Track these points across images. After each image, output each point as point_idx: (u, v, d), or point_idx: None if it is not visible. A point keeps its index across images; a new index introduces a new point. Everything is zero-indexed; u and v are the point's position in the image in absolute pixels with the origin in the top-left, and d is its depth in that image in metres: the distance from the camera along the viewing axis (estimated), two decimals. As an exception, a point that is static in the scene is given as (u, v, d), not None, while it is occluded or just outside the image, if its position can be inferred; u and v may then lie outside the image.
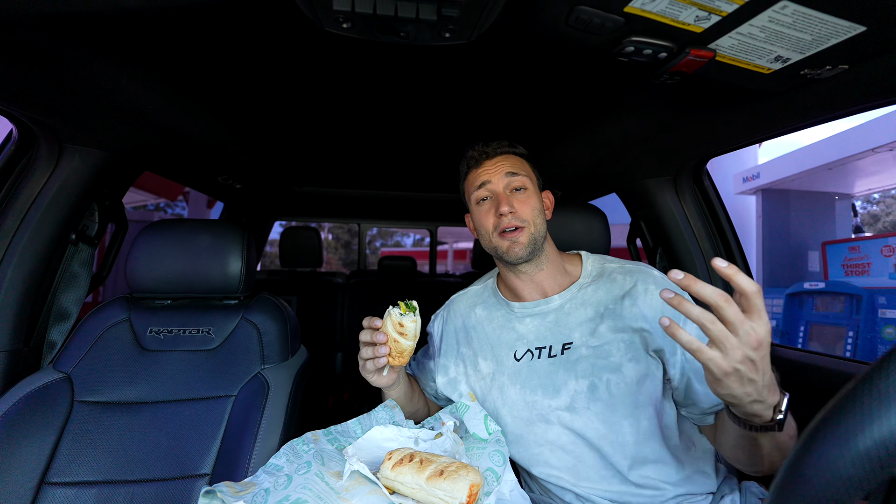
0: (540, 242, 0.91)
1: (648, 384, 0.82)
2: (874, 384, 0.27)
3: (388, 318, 0.81)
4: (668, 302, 0.56)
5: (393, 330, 0.80)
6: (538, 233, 0.90)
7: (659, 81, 0.84)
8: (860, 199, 7.91)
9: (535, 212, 0.91)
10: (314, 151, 1.66)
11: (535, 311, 0.93)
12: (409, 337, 0.81)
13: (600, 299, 0.89)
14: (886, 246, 4.33)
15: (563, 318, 0.90)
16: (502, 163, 0.93)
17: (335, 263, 17.77)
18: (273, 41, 0.85)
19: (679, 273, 0.55)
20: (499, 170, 0.92)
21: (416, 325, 0.81)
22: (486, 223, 0.92)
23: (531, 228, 0.90)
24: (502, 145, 0.96)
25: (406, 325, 0.80)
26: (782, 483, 0.30)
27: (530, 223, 0.90)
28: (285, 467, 0.77)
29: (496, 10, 0.65)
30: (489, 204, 0.93)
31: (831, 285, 4.09)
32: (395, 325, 0.80)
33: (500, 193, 0.91)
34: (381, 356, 0.81)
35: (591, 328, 0.87)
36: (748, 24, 0.64)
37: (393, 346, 0.81)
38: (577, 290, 0.92)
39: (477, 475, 0.66)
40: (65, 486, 0.89)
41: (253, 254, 1.19)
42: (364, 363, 0.85)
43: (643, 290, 0.87)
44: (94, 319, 1.08)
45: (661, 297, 0.58)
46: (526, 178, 0.93)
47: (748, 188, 6.41)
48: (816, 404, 0.31)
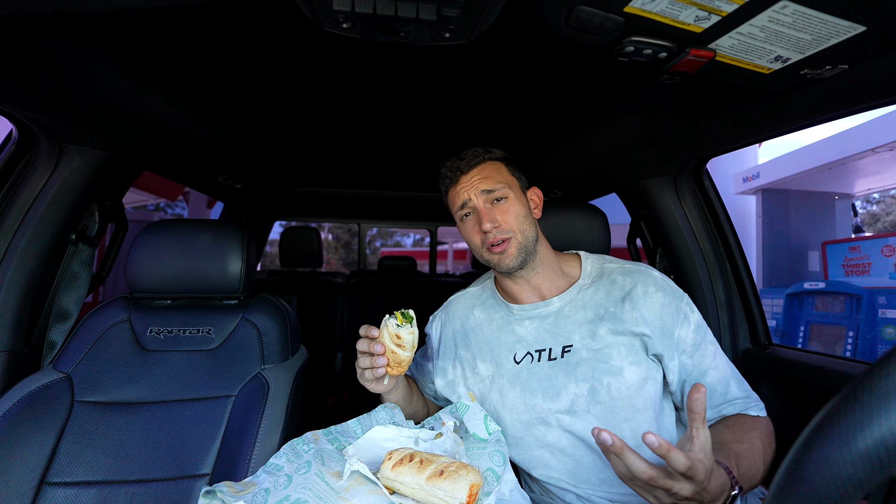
0: (531, 248, 0.91)
1: (649, 387, 0.82)
2: (874, 384, 0.27)
3: (384, 328, 0.80)
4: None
5: (390, 341, 0.79)
6: (526, 239, 0.90)
7: (659, 81, 0.84)
8: (860, 199, 7.91)
9: (519, 219, 0.90)
10: (314, 151, 1.66)
11: (535, 313, 0.93)
12: (407, 348, 0.80)
13: (600, 301, 0.89)
14: (886, 246, 4.33)
15: (562, 321, 0.90)
16: (477, 177, 0.92)
17: (335, 263, 17.77)
18: (273, 41, 0.85)
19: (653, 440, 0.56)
20: (474, 186, 0.91)
21: (414, 337, 0.80)
22: (473, 239, 0.92)
23: (518, 237, 0.89)
24: (476, 154, 0.95)
25: (403, 336, 0.79)
26: (782, 483, 0.30)
27: (516, 232, 0.89)
28: (285, 467, 0.77)
29: (496, 10, 0.65)
30: (473, 220, 0.92)
31: (831, 285, 4.09)
32: (392, 336, 0.79)
33: (480, 209, 0.90)
34: (379, 367, 0.81)
35: (590, 330, 0.87)
36: (748, 24, 0.64)
37: (391, 357, 0.80)
38: (577, 291, 0.92)
39: (477, 475, 0.66)
40: (65, 486, 0.89)
41: (253, 254, 1.19)
42: (362, 372, 0.84)
43: (643, 292, 0.87)
44: (94, 319, 1.08)
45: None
46: (504, 188, 0.91)
47: (748, 188, 6.40)
48: (816, 404, 0.31)
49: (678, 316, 0.85)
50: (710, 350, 0.85)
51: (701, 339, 0.85)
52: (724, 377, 0.84)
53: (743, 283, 1.34)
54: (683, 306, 0.87)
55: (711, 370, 0.84)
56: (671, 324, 0.84)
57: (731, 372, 0.85)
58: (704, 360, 0.84)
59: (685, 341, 0.84)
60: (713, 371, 0.84)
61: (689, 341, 0.84)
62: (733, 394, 0.83)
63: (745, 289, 1.34)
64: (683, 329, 0.84)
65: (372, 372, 0.82)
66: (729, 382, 0.84)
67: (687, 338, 0.84)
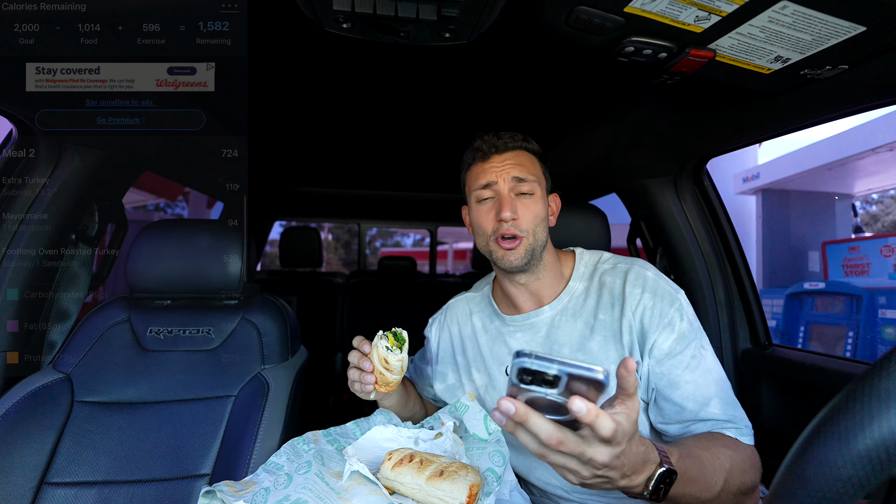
0: (538, 253, 0.86)
1: (638, 392, 0.81)
2: (874, 384, 0.27)
3: (375, 348, 0.79)
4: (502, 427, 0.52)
5: (379, 363, 0.79)
6: (537, 243, 0.85)
7: (659, 81, 0.84)
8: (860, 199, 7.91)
9: (537, 220, 0.85)
10: (314, 151, 1.66)
11: (526, 324, 0.90)
12: (395, 372, 0.79)
13: (590, 309, 0.86)
14: (886, 246, 4.33)
15: (553, 332, 0.87)
16: (511, 162, 0.85)
17: (335, 263, 17.76)
18: (273, 41, 0.85)
19: None
20: (507, 170, 0.85)
21: (402, 363, 0.79)
22: (484, 224, 0.86)
23: (530, 239, 0.84)
24: (515, 139, 0.88)
25: (391, 362, 0.78)
26: (782, 483, 0.30)
27: (530, 234, 0.84)
28: (286, 466, 0.77)
29: (496, 10, 0.65)
30: (490, 205, 0.86)
31: (831, 285, 4.10)
32: (381, 360, 0.79)
33: (504, 196, 0.84)
34: (366, 384, 0.80)
35: (581, 344, 0.84)
36: (748, 25, 0.64)
37: (378, 377, 0.80)
38: (568, 299, 0.88)
39: (477, 475, 0.66)
40: (65, 486, 0.89)
41: (253, 254, 1.19)
42: (352, 383, 0.84)
43: (629, 293, 0.83)
44: (93, 319, 1.08)
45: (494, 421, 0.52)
46: (535, 184, 0.85)
47: (748, 188, 6.40)
48: (816, 404, 0.31)
49: (661, 321, 0.79)
50: (686, 361, 0.78)
51: (679, 350, 0.78)
52: (702, 394, 0.77)
53: (743, 284, 1.34)
54: (671, 312, 0.80)
55: (687, 383, 0.77)
56: (649, 327, 0.80)
57: (717, 391, 0.78)
58: (675, 371, 0.78)
59: (660, 348, 0.78)
60: (688, 385, 0.77)
61: (664, 349, 0.78)
62: (709, 413, 0.76)
63: (745, 289, 1.33)
64: (663, 335, 0.78)
65: (360, 385, 0.82)
66: (709, 401, 0.76)
67: (663, 346, 0.78)
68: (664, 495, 0.57)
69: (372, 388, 0.81)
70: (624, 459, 0.51)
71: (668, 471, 0.56)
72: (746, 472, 0.69)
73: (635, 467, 0.54)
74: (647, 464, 0.55)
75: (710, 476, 0.64)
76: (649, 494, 0.56)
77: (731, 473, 0.66)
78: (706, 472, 0.64)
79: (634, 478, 0.55)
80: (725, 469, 0.66)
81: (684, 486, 0.59)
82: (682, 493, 0.60)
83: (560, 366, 0.46)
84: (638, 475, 0.55)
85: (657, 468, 0.56)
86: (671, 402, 0.78)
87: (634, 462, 0.53)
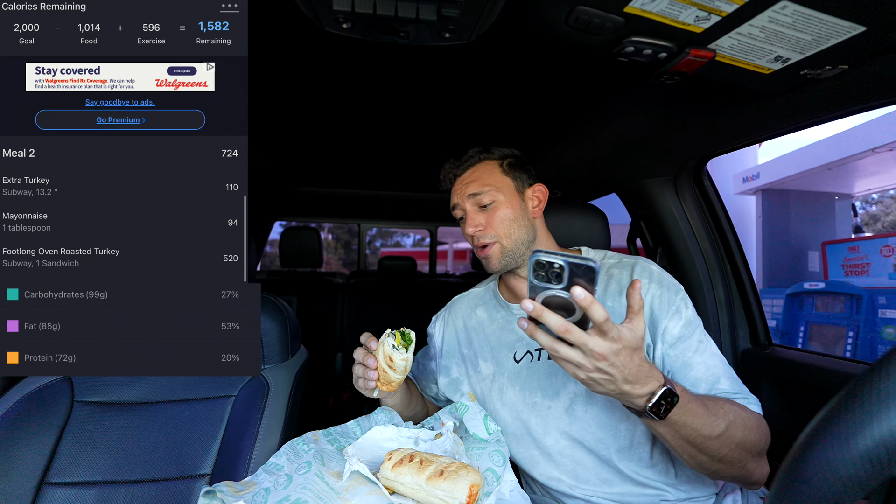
0: (518, 252, 0.91)
1: None
2: (874, 384, 0.27)
3: (381, 345, 0.80)
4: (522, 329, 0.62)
5: (383, 360, 0.79)
6: (514, 243, 0.91)
7: (659, 81, 0.84)
8: (859, 199, 7.91)
9: (505, 223, 0.90)
10: (314, 151, 1.66)
11: None
12: (398, 371, 0.80)
13: (598, 298, 0.88)
14: (886, 246, 4.33)
15: None
16: (468, 180, 0.95)
17: (335, 263, 17.76)
18: (273, 41, 0.85)
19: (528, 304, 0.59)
20: (463, 189, 0.94)
21: (406, 364, 0.80)
22: (467, 239, 0.96)
23: (503, 241, 0.91)
24: (471, 156, 0.97)
25: (395, 360, 0.79)
26: (782, 483, 0.30)
27: (501, 237, 0.90)
28: (286, 466, 0.77)
29: (496, 10, 0.65)
30: (464, 222, 0.96)
31: (831, 285, 4.09)
32: (386, 357, 0.79)
33: (467, 213, 0.94)
34: (369, 380, 0.81)
35: None
36: (748, 25, 0.64)
37: (381, 375, 0.80)
38: None
39: (477, 475, 0.66)
40: (65, 486, 0.89)
41: (253, 254, 1.19)
42: (356, 379, 0.85)
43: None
44: (94, 319, 1.08)
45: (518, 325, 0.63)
46: (491, 191, 0.92)
47: (748, 188, 6.40)
48: (816, 404, 0.31)
49: (670, 308, 0.83)
50: (695, 345, 0.82)
51: (688, 334, 0.83)
52: (712, 373, 0.81)
53: (743, 284, 1.34)
54: (678, 300, 0.84)
55: (698, 364, 0.81)
56: (659, 314, 0.83)
57: (724, 370, 0.82)
58: (686, 353, 0.81)
59: (671, 333, 0.82)
60: (699, 366, 0.81)
61: (674, 334, 0.82)
62: (720, 389, 0.80)
63: (745, 289, 1.34)
64: (672, 321, 0.82)
65: (364, 382, 0.83)
66: (719, 378, 0.81)
67: (673, 331, 0.82)
68: (665, 413, 0.63)
69: (374, 385, 0.82)
70: (624, 360, 0.59)
71: (671, 391, 0.63)
72: (750, 429, 0.72)
73: (637, 377, 0.61)
74: (651, 379, 0.62)
75: (713, 416, 0.68)
76: (651, 408, 0.62)
77: (733, 423, 0.69)
78: (709, 412, 0.68)
79: (638, 387, 0.62)
80: (728, 418, 0.69)
81: (685, 415, 0.64)
82: (682, 422, 0.65)
83: (563, 257, 0.57)
84: (641, 385, 0.62)
85: (660, 387, 0.63)
86: (686, 383, 0.80)
87: (637, 372, 0.61)
